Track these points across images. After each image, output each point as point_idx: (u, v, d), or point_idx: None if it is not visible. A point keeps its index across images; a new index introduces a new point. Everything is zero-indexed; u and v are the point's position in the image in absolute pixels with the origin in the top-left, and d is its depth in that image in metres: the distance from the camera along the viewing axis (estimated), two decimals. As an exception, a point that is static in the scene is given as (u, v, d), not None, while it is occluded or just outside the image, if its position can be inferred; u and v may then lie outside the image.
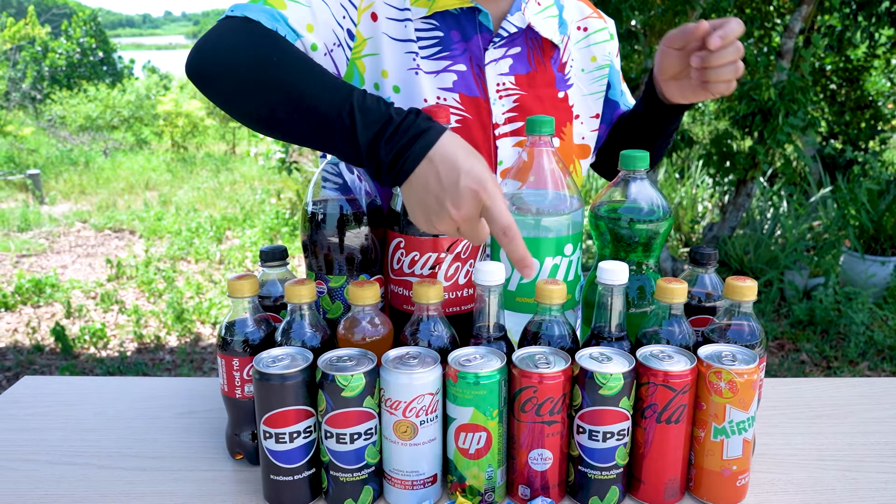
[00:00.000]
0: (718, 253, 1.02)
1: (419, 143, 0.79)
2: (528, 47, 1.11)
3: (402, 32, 1.05)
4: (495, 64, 1.09)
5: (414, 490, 0.85)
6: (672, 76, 1.07)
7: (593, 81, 1.20)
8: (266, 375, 0.81)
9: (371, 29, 1.04)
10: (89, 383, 1.20)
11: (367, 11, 1.03)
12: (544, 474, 0.85)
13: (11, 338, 4.09)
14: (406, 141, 0.80)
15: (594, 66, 1.20)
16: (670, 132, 1.19)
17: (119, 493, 0.90)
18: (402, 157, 0.80)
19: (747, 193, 4.60)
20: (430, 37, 1.06)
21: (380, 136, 0.80)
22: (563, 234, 0.94)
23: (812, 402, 1.13)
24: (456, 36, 1.07)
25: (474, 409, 0.82)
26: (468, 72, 1.07)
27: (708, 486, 0.87)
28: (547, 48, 1.13)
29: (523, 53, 1.11)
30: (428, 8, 1.05)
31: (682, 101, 1.09)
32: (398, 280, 0.96)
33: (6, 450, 0.99)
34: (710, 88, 1.00)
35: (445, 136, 0.80)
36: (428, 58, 1.06)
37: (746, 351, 0.85)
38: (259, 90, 0.86)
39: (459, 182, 0.77)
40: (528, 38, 1.11)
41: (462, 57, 1.07)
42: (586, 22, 1.19)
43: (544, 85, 1.13)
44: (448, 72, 1.06)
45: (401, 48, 1.05)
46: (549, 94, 1.14)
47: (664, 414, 0.83)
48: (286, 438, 0.83)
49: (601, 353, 0.85)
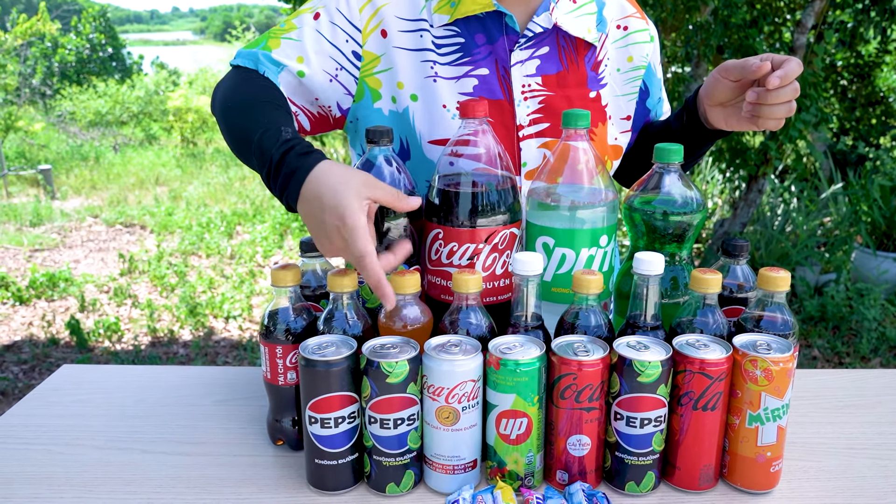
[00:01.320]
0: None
1: (293, 183, 0.88)
2: (558, 46, 1.11)
3: (416, 42, 1.08)
4: (521, 65, 1.10)
5: (455, 475, 0.87)
6: (720, 103, 1.06)
7: (627, 82, 1.19)
8: (312, 362, 0.83)
9: (382, 46, 1.08)
10: (127, 372, 1.22)
11: (374, 32, 1.08)
12: (582, 460, 0.87)
13: (27, 331, 4.13)
14: (282, 181, 0.89)
15: (630, 66, 1.19)
16: (702, 153, 1.18)
17: (165, 476, 0.92)
18: (285, 196, 0.90)
19: (759, 189, 4.61)
20: (451, 43, 1.08)
21: (267, 178, 0.92)
22: (599, 226, 0.96)
23: (838, 392, 1.15)
24: (481, 39, 1.09)
25: (516, 395, 0.84)
26: (492, 75, 1.09)
27: (742, 472, 0.88)
28: (580, 47, 1.13)
29: (553, 53, 1.11)
30: (450, 15, 1.07)
31: (725, 129, 1.09)
32: (436, 270, 0.98)
33: (52, 435, 1.02)
34: (759, 123, 0.99)
35: (313, 173, 0.86)
36: (448, 64, 1.08)
37: (781, 340, 0.87)
38: (225, 134, 1.03)
39: (325, 219, 0.84)
40: (558, 37, 1.11)
41: (486, 60, 1.09)
42: (627, 21, 1.18)
43: (575, 84, 1.13)
44: (469, 77, 1.08)
45: (416, 58, 1.08)
46: (580, 93, 1.13)
47: (700, 401, 0.85)
48: (331, 424, 0.85)
49: (638, 342, 0.87)
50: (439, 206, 0.96)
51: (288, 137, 0.92)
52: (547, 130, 1.11)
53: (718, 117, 1.08)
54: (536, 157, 1.11)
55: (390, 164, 0.97)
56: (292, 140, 0.91)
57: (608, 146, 1.18)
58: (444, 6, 1.08)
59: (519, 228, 0.99)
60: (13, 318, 4.29)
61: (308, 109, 1.12)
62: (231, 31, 12.46)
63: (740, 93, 1.03)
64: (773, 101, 0.95)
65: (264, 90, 1.03)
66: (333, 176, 0.85)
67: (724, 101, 1.05)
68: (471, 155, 0.97)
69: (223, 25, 41.81)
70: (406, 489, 0.88)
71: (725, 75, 1.02)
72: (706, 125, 1.11)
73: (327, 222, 0.84)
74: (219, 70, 11.45)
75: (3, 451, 0.98)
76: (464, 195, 0.95)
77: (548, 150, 1.10)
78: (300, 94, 1.10)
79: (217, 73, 11.34)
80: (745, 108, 0.99)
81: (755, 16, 4.48)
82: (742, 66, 0.98)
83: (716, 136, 1.13)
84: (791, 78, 0.94)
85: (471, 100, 0.96)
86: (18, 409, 1.09)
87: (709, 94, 1.06)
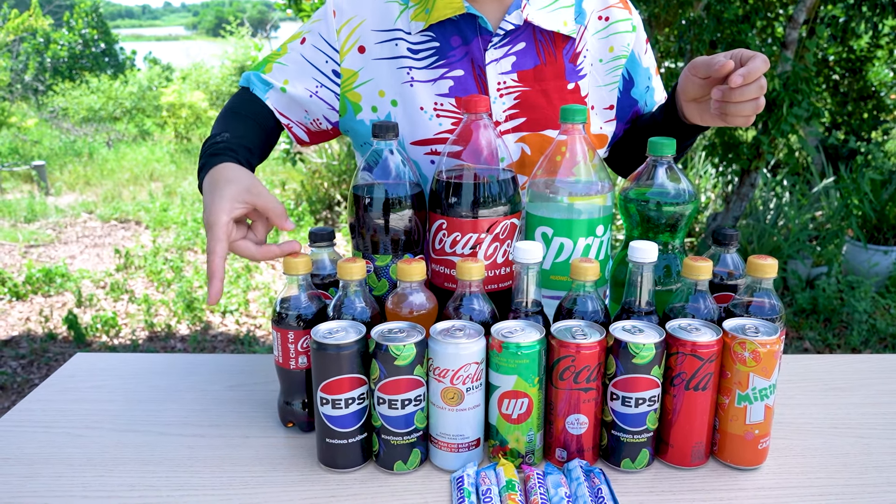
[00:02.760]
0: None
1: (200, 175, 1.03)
2: (535, 41, 1.15)
3: (392, 51, 1.15)
4: (496, 63, 1.14)
5: (459, 453, 0.92)
6: (693, 99, 1.07)
7: (608, 72, 1.21)
8: (323, 346, 0.87)
9: (360, 61, 1.17)
10: (139, 359, 1.26)
11: (352, 50, 1.17)
12: (580, 438, 0.92)
13: (24, 326, 4.15)
14: (198, 171, 1.05)
15: (611, 56, 1.21)
16: (685, 147, 1.19)
17: (182, 456, 0.96)
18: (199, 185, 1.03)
19: (751, 183, 4.67)
20: (427, 48, 1.14)
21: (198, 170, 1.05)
22: (595, 217, 1.01)
23: (824, 376, 1.20)
24: (456, 41, 1.14)
25: (517, 377, 0.88)
26: (467, 75, 1.13)
27: (731, 449, 0.93)
28: (558, 40, 1.15)
29: (530, 48, 1.15)
30: (425, 21, 1.13)
31: (700, 123, 1.09)
32: (440, 259, 1.03)
33: (70, 419, 1.06)
34: (728, 120, 1.00)
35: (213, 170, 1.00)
36: (423, 68, 1.14)
37: (768, 324, 0.92)
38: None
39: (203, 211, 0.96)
40: (534, 33, 1.15)
41: (462, 62, 1.14)
42: (608, 11, 1.20)
43: (552, 77, 1.16)
44: (444, 78, 1.13)
45: (393, 65, 1.15)
46: (558, 86, 1.16)
47: (692, 382, 0.90)
48: (342, 404, 0.89)
49: (633, 326, 0.92)
50: (443, 198, 1.00)
51: (218, 141, 1.06)
52: (523, 125, 1.15)
53: (693, 113, 1.09)
54: (515, 151, 1.15)
55: (395, 156, 1.01)
56: (220, 143, 1.06)
57: (592, 135, 1.20)
58: (420, 13, 1.14)
59: (519, 219, 1.04)
60: (10, 314, 4.31)
61: (302, 122, 1.23)
62: (224, 26, 12.41)
63: (710, 89, 1.02)
64: (738, 98, 0.95)
65: (242, 104, 1.19)
66: (223, 176, 0.97)
67: (697, 98, 1.06)
68: (471, 149, 1.01)
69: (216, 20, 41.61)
70: (413, 467, 0.93)
71: (694, 73, 1.02)
72: (684, 120, 1.12)
73: (204, 209, 0.95)
74: (212, 66, 11.43)
75: (24, 435, 1.02)
76: (466, 187, 0.99)
77: (525, 145, 1.14)
78: (291, 109, 1.21)
79: (210, 68, 11.32)
80: (713, 106, 1.00)
81: (747, 11, 4.53)
82: (707, 63, 0.98)
83: (696, 131, 1.13)
84: (755, 75, 0.93)
85: (473, 96, 1.01)
86: (36, 394, 1.12)
87: (682, 90, 1.07)
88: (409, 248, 1.03)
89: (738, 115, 0.98)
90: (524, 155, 1.14)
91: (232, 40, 11.63)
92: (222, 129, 1.10)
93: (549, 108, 1.15)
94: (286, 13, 5.16)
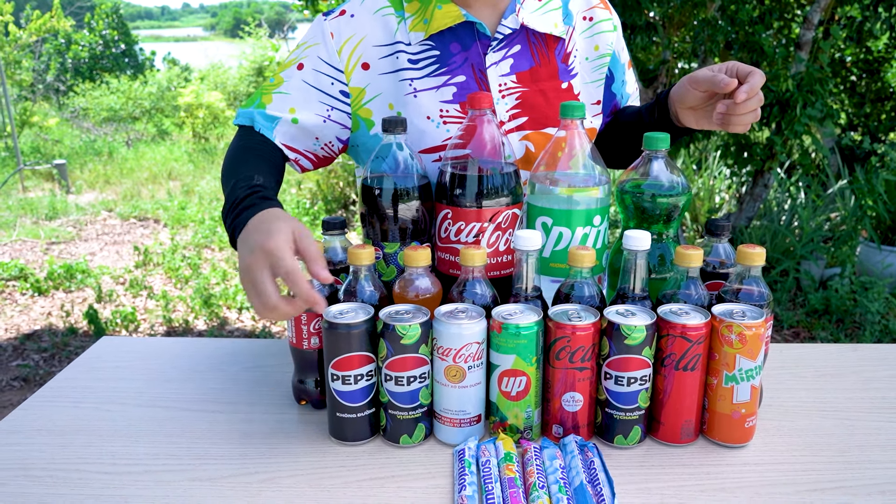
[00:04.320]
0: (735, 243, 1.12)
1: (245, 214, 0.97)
2: (529, 43, 1.21)
3: (393, 65, 1.18)
4: (496, 66, 1.19)
5: (461, 428, 0.98)
6: (690, 108, 1.15)
7: (595, 70, 1.28)
8: (335, 325, 0.94)
9: (366, 78, 1.19)
10: (162, 343, 1.33)
11: (356, 67, 1.18)
12: (575, 415, 0.97)
13: (46, 321, 4.25)
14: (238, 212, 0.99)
15: (596, 55, 1.28)
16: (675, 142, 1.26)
17: (203, 430, 1.03)
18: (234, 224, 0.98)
19: (764, 184, 4.68)
20: (427, 57, 1.18)
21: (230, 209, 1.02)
22: (592, 207, 1.06)
23: (816, 363, 1.25)
24: (455, 48, 1.18)
25: (516, 356, 0.94)
26: (469, 80, 1.18)
27: (719, 427, 0.98)
28: (549, 41, 1.22)
29: (525, 50, 1.20)
30: (425, 32, 1.17)
31: (695, 128, 1.18)
32: (445, 247, 1.09)
33: (98, 395, 1.13)
34: (729, 128, 1.08)
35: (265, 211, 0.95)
36: (425, 77, 1.18)
37: (755, 308, 0.97)
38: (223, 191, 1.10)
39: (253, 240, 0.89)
40: (528, 35, 1.21)
41: (463, 67, 1.18)
42: (592, 12, 1.27)
43: (547, 77, 1.22)
44: (448, 85, 1.18)
45: (395, 78, 1.18)
46: (553, 85, 1.22)
47: (681, 362, 0.95)
48: (351, 380, 0.95)
49: (626, 310, 0.97)
50: (448, 189, 1.06)
51: (259, 182, 1.04)
52: (526, 124, 1.20)
53: (689, 119, 1.17)
54: (519, 149, 1.20)
55: (403, 150, 1.07)
56: (261, 186, 1.03)
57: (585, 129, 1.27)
58: (419, 24, 1.18)
59: (520, 209, 1.09)
60: (32, 309, 4.42)
61: (309, 152, 1.22)
62: (242, 27, 12.56)
63: (708, 100, 1.12)
64: (742, 111, 1.05)
65: (254, 144, 1.16)
66: (273, 215, 0.93)
67: (694, 107, 1.14)
68: (476, 143, 1.07)
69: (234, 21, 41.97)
70: (418, 440, 0.99)
71: (695, 86, 1.11)
72: (676, 123, 1.20)
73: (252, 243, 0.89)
74: (230, 66, 11.57)
75: (55, 408, 1.09)
76: (471, 178, 1.05)
77: (529, 142, 1.20)
78: (300, 140, 1.20)
79: (228, 68, 11.47)
80: (716, 118, 1.08)
81: (762, 11, 4.55)
82: (711, 80, 1.06)
83: (686, 132, 1.22)
84: (756, 91, 1.03)
85: (477, 92, 1.06)
86: (65, 374, 1.20)
87: (680, 99, 1.15)
88: (417, 237, 1.09)
89: (740, 125, 1.07)
90: (528, 152, 1.20)
91: (250, 41, 11.77)
92: (253, 171, 1.07)
93: (547, 108, 1.20)
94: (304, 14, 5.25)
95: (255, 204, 0.98)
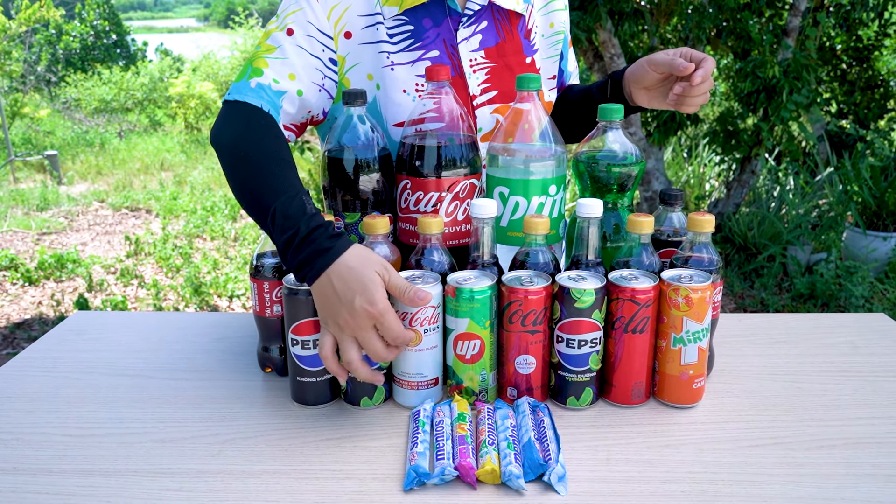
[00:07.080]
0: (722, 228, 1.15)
1: (319, 261, 0.90)
2: (494, 20, 1.24)
3: (373, 35, 1.19)
4: (466, 42, 1.22)
5: (419, 390, 1.01)
6: (645, 87, 1.21)
7: (551, 46, 1.33)
8: (294, 291, 0.96)
9: (348, 46, 1.19)
10: (134, 316, 1.35)
11: (340, 35, 1.18)
12: (529, 377, 1.00)
13: (36, 310, 4.27)
14: (306, 255, 0.91)
15: (552, 31, 1.33)
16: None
17: (169, 396, 1.05)
18: (304, 269, 0.92)
19: (752, 170, 4.71)
20: (402, 31, 1.20)
21: (288, 245, 0.93)
22: (548, 177, 1.09)
23: (771, 331, 1.28)
24: (428, 24, 1.20)
25: (470, 320, 0.97)
26: (442, 55, 1.21)
27: (669, 388, 1.01)
28: (513, 17, 1.25)
29: (491, 26, 1.24)
30: (399, 6, 1.19)
31: (647, 107, 1.25)
32: (405, 217, 1.11)
33: (70, 365, 1.15)
34: (683, 108, 1.17)
35: (344, 256, 0.90)
36: (402, 51, 1.19)
37: (702, 273, 1.00)
38: (231, 181, 1.04)
39: (354, 302, 0.87)
40: (493, 11, 1.24)
41: (435, 42, 1.21)
42: None
43: (512, 53, 1.26)
44: (422, 60, 1.20)
45: (374, 49, 1.19)
46: (518, 60, 1.26)
47: (630, 325, 0.98)
48: (310, 345, 0.98)
49: (577, 275, 1.00)
50: (408, 160, 1.09)
51: (313, 212, 0.95)
52: (496, 97, 1.23)
53: (643, 98, 1.23)
54: (490, 122, 1.23)
55: (364, 122, 1.10)
56: (317, 216, 0.95)
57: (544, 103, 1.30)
58: None
59: (479, 180, 1.12)
60: (23, 298, 4.43)
61: (295, 124, 1.19)
62: (234, 17, 12.53)
63: (663, 82, 1.19)
64: (696, 93, 1.14)
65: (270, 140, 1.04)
66: (364, 262, 0.90)
67: (649, 87, 1.21)
68: (435, 115, 1.09)
69: (226, 12, 41.85)
70: (378, 402, 1.02)
71: (654, 69, 1.17)
72: (629, 102, 1.26)
73: (356, 304, 0.87)
74: (222, 56, 11.55)
75: (25, 378, 1.11)
76: (429, 149, 1.08)
77: (500, 115, 1.23)
78: (297, 115, 1.17)
79: (220, 59, 11.44)
80: (671, 98, 1.16)
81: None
82: (670, 63, 1.13)
83: (636, 111, 1.29)
84: (709, 76, 1.12)
85: (435, 65, 1.09)
86: (38, 345, 1.22)
87: (636, 79, 1.21)
88: (378, 207, 1.11)
89: (692, 105, 1.16)
90: (499, 124, 1.23)
91: (241, 31, 11.74)
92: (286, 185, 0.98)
93: (513, 82, 1.23)
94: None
95: (328, 248, 0.91)
